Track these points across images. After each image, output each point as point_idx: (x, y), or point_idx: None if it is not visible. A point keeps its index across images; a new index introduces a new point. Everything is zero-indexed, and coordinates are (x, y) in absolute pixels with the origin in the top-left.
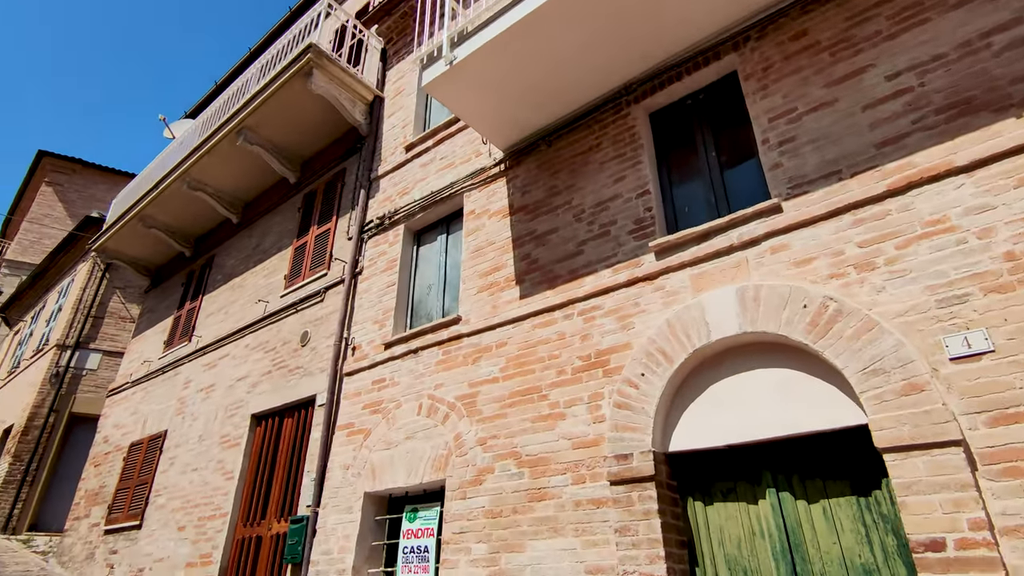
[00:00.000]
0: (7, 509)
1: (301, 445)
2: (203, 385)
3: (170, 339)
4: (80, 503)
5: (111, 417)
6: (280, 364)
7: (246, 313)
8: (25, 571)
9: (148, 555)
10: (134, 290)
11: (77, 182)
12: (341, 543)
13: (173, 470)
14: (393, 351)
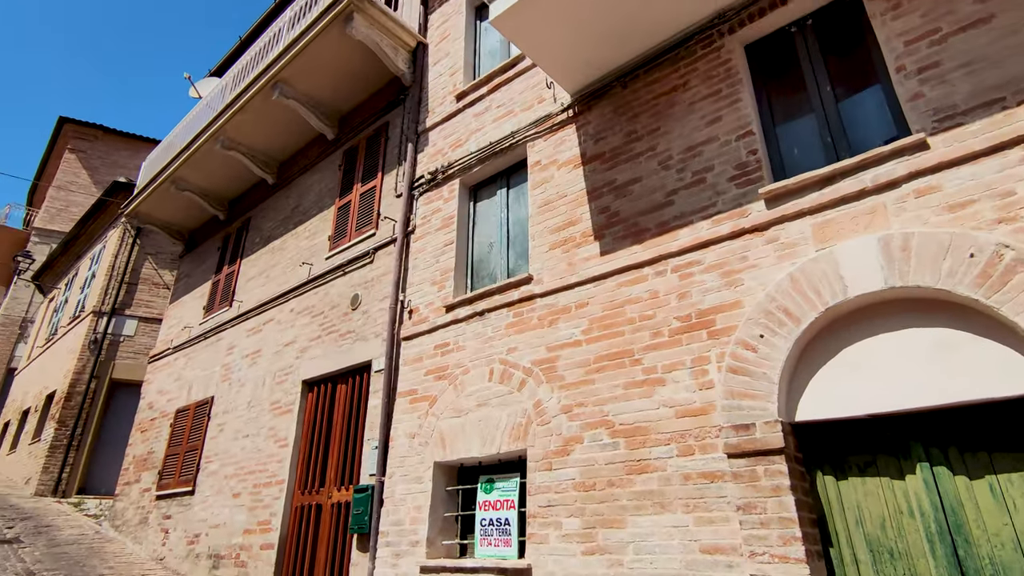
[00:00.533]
0: (56, 473)
1: (358, 412)
2: (248, 351)
3: (210, 304)
4: (129, 468)
5: (154, 383)
6: (330, 329)
7: (289, 276)
8: (80, 534)
9: (203, 521)
10: (166, 256)
11: (100, 149)
12: (412, 514)
13: (223, 437)
14: (456, 314)
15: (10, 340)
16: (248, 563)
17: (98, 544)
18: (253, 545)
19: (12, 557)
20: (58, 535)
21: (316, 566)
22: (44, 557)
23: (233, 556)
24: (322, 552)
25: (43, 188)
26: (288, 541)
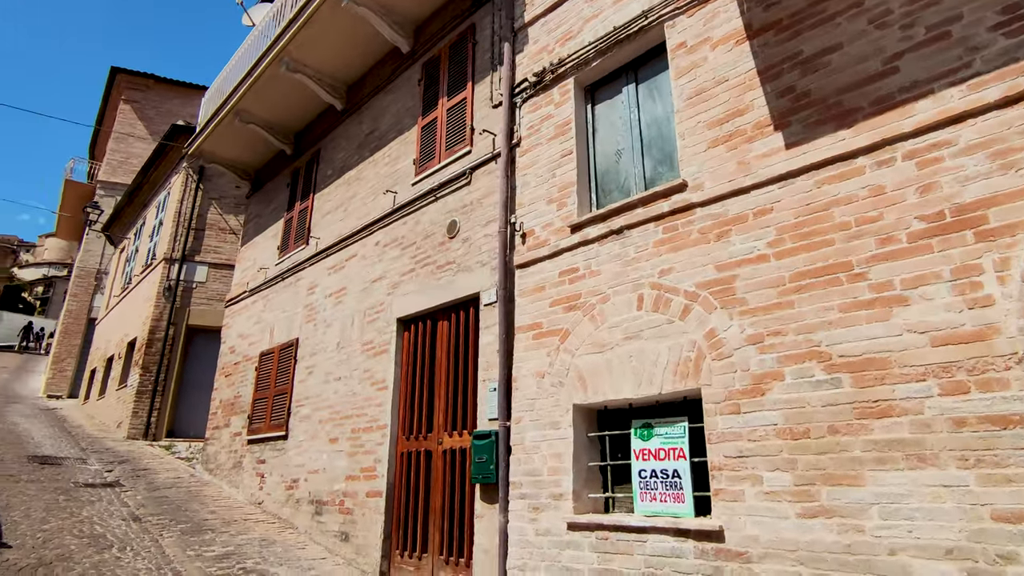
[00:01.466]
0: (145, 417)
1: (466, 350)
2: (331, 289)
3: (284, 244)
4: (217, 413)
5: (233, 327)
6: (424, 261)
7: (370, 208)
8: (176, 477)
9: (300, 466)
10: (229, 200)
11: (153, 99)
12: (551, 463)
13: (313, 380)
14: (584, 234)
15: (88, 291)
16: (354, 510)
17: (195, 488)
18: (358, 492)
19: (116, 501)
20: (155, 479)
21: (431, 515)
22: (146, 501)
23: (337, 503)
24: (436, 501)
25: (103, 140)
26: (396, 488)
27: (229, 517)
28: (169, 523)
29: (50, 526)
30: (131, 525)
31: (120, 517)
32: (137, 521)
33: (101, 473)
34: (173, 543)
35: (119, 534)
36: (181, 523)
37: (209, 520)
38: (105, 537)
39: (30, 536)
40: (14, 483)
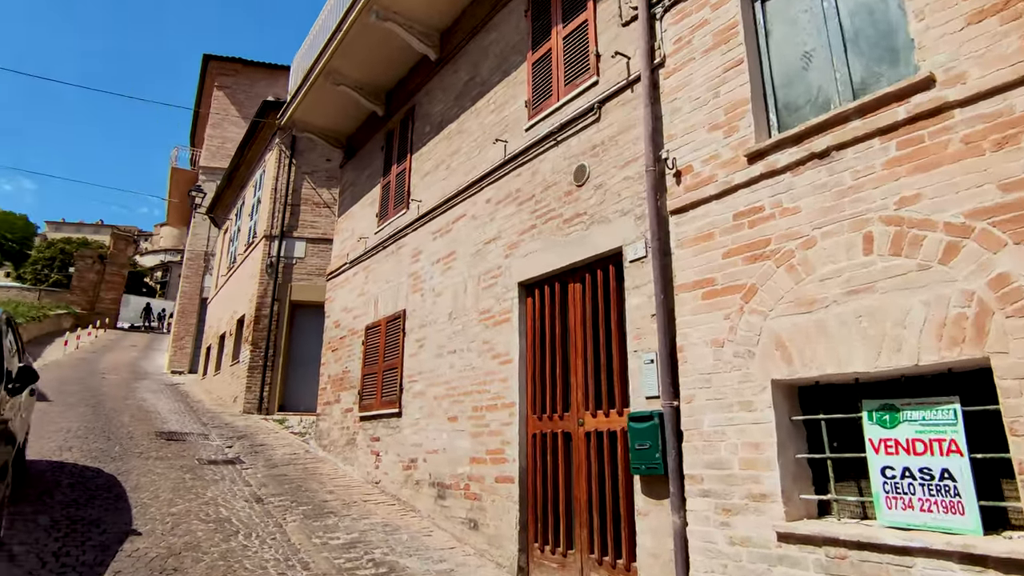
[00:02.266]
0: (258, 392)
1: (608, 316)
2: (438, 255)
3: (382, 211)
4: (327, 388)
5: (336, 301)
6: (547, 215)
7: (476, 162)
8: (292, 453)
9: (417, 445)
10: (321, 174)
11: (243, 83)
12: (744, 454)
13: (425, 353)
14: (770, 163)
15: (198, 273)
16: (482, 496)
17: (311, 465)
18: (485, 476)
19: (238, 480)
20: (272, 455)
21: (576, 508)
22: (267, 480)
23: (461, 487)
24: (581, 491)
25: (201, 127)
26: (529, 474)
27: (348, 498)
28: (291, 505)
29: (177, 509)
30: (254, 507)
31: (243, 498)
32: (259, 502)
33: (222, 449)
34: (297, 528)
35: (243, 517)
36: (302, 505)
37: (329, 502)
38: (231, 521)
39: (159, 521)
40: (143, 460)
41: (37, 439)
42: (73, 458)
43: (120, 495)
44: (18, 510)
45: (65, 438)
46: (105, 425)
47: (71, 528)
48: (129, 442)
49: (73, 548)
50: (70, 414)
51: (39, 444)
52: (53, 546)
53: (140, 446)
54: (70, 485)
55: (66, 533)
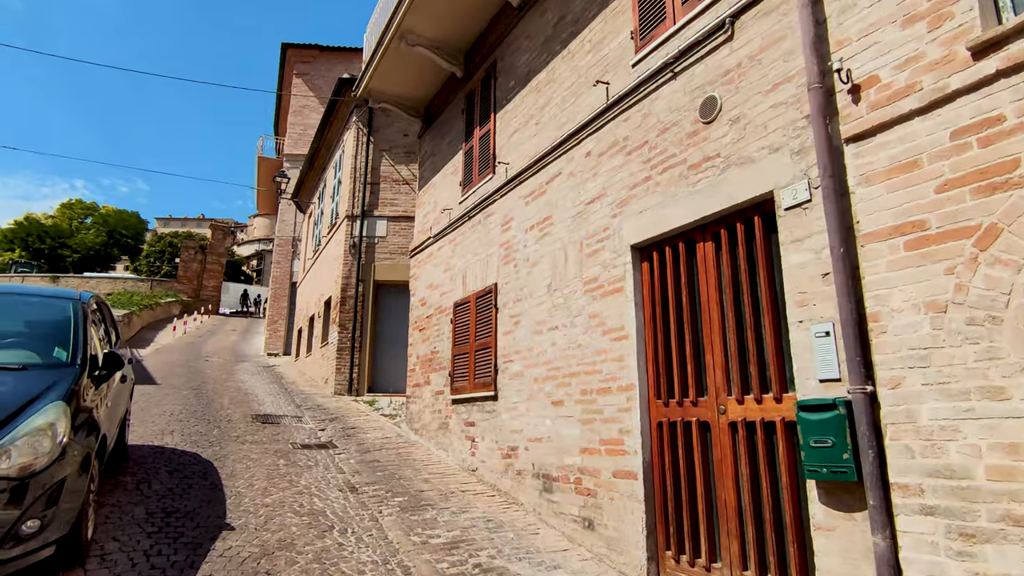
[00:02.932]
0: (347, 373)
1: (753, 279)
2: (532, 221)
3: (466, 179)
4: (416, 370)
5: (421, 278)
6: (664, 163)
7: (571, 113)
8: (384, 437)
9: (517, 432)
10: (399, 150)
11: (320, 69)
12: (994, 459)
13: (521, 331)
14: (1011, 54)
15: (287, 258)
16: (597, 492)
17: (404, 450)
18: (601, 470)
19: (332, 467)
20: (365, 438)
21: (721, 514)
22: (360, 467)
23: (572, 480)
24: (728, 493)
25: (283, 116)
26: (656, 470)
27: (445, 488)
28: (386, 495)
29: (271, 499)
30: (348, 497)
31: (337, 487)
32: (353, 491)
33: (315, 432)
34: (394, 523)
35: (338, 510)
36: (398, 495)
37: (425, 492)
38: (325, 515)
39: (252, 513)
40: (239, 445)
41: (141, 423)
42: (173, 442)
43: (216, 483)
44: (116, 500)
45: (168, 422)
46: (206, 408)
47: (165, 522)
48: (227, 425)
49: (165, 546)
50: (174, 397)
51: (143, 428)
52: (145, 544)
53: (237, 429)
54: (168, 472)
55: (159, 528)
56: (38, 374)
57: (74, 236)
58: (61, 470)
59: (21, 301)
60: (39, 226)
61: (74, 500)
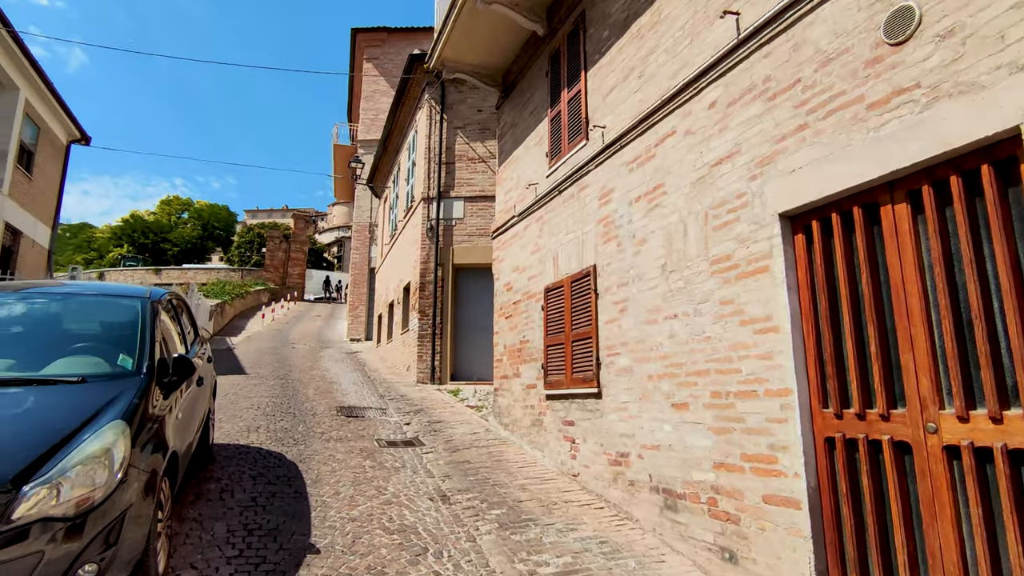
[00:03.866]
0: (429, 361)
1: (978, 251)
2: (637, 192)
3: (554, 149)
4: (503, 360)
5: (505, 260)
6: (828, 104)
7: (686, 57)
8: (472, 433)
9: (627, 436)
10: (474, 127)
11: (389, 52)
12: None
13: (628, 319)
14: None
15: (365, 244)
16: (741, 519)
17: (495, 448)
18: (744, 492)
19: (420, 469)
20: (452, 434)
21: (930, 563)
22: (450, 470)
23: (703, 500)
24: (947, 547)
25: (356, 103)
26: (826, 499)
27: (546, 498)
28: (481, 506)
29: (358, 511)
30: (440, 509)
31: (427, 494)
32: (445, 501)
33: (400, 427)
34: (493, 545)
35: (430, 525)
36: (494, 506)
37: (524, 502)
38: (417, 532)
39: (339, 530)
40: (324, 443)
41: (230, 419)
42: (259, 440)
43: (300, 491)
44: (197, 514)
45: (254, 416)
46: (291, 400)
47: (247, 542)
48: (312, 420)
49: (245, 575)
50: (262, 388)
51: (230, 424)
52: (224, 572)
53: (322, 424)
54: (252, 477)
55: (240, 551)
56: (99, 387)
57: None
58: (121, 502)
59: (88, 302)
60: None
61: (138, 533)
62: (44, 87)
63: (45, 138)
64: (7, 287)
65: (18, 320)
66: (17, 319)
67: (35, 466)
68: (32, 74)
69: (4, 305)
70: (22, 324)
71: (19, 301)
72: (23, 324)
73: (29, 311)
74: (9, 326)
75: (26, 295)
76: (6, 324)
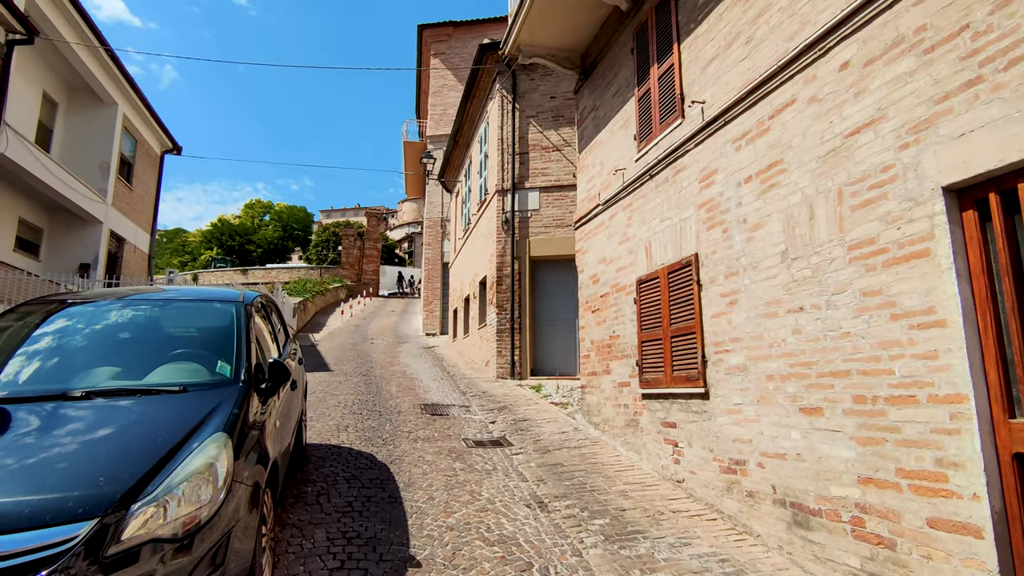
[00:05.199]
0: (509, 356)
1: None
2: (747, 171)
3: (643, 130)
4: (590, 356)
5: (590, 252)
6: (1007, 52)
7: (808, 14)
8: (560, 432)
9: (743, 442)
10: (547, 115)
11: (455, 46)
12: None
13: (739, 312)
14: None
15: (438, 239)
16: (897, 544)
17: (587, 450)
18: (902, 513)
19: (512, 472)
20: (540, 433)
21: None
22: (543, 473)
23: (845, 519)
24: None
25: (424, 99)
26: (1019, 529)
27: (650, 506)
28: (581, 514)
29: (455, 519)
30: (539, 517)
31: (523, 500)
32: (543, 508)
33: (486, 426)
34: (602, 559)
35: (531, 535)
36: (596, 515)
37: (628, 511)
38: (518, 543)
39: (437, 540)
40: (412, 443)
41: (320, 417)
42: (349, 440)
43: (394, 495)
44: (297, 519)
45: (342, 415)
46: (376, 397)
47: (347, 552)
48: (398, 418)
49: None
50: (346, 385)
51: (321, 424)
52: None
53: (408, 424)
54: (346, 480)
55: (341, 562)
56: (199, 396)
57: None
58: (226, 518)
59: (183, 307)
60: (229, 226)
61: (244, 549)
62: (139, 102)
63: (142, 149)
64: (109, 294)
65: (121, 327)
66: (120, 326)
67: (142, 483)
68: (128, 90)
69: (107, 312)
70: (125, 331)
71: (122, 308)
72: (126, 331)
73: (132, 318)
74: (114, 333)
75: (129, 302)
76: (110, 331)
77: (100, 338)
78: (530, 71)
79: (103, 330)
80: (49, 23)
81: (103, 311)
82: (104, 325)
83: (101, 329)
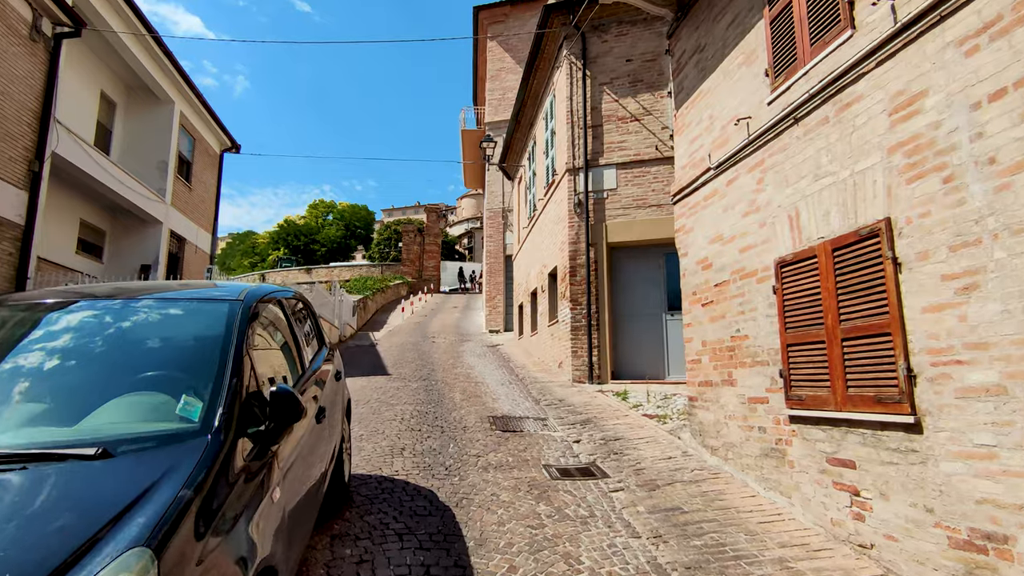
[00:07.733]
0: (586, 358)
1: None
2: (994, 83)
3: (779, 61)
4: (701, 360)
5: (696, 230)
6: None
7: None
8: (667, 458)
9: (1000, 507)
10: (622, 80)
11: (512, 27)
12: None
13: (984, 304)
14: None
15: (499, 231)
16: None
17: (709, 486)
18: None
19: (615, 520)
20: (639, 458)
21: None
22: (658, 524)
23: None
24: None
25: (481, 86)
26: None
27: None
28: None
29: None
30: None
31: (640, 572)
32: None
33: (569, 446)
34: None
35: None
36: None
37: None
38: None
39: None
40: (482, 473)
41: (370, 434)
42: (404, 469)
43: (462, 562)
44: None
45: (398, 432)
46: (437, 408)
47: None
48: (463, 436)
49: None
50: (405, 392)
51: (371, 444)
52: None
53: (475, 444)
54: (398, 536)
55: None
56: (131, 465)
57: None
58: None
59: (156, 309)
60: (295, 227)
61: None
62: (195, 99)
63: (200, 147)
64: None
65: (60, 342)
66: (59, 341)
67: None
68: (184, 87)
69: (44, 321)
70: (66, 348)
71: (65, 314)
72: (68, 348)
73: (79, 327)
74: (47, 352)
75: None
76: (41, 349)
77: (22, 359)
78: (602, 31)
79: (28, 347)
80: (101, 19)
81: (33, 319)
82: (33, 339)
83: (25, 346)
